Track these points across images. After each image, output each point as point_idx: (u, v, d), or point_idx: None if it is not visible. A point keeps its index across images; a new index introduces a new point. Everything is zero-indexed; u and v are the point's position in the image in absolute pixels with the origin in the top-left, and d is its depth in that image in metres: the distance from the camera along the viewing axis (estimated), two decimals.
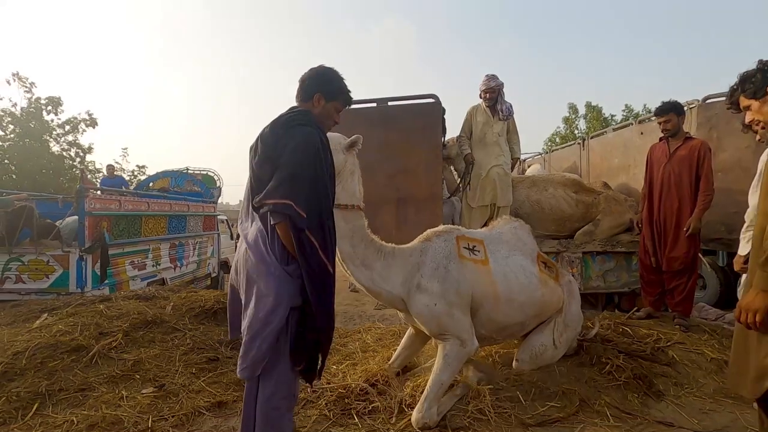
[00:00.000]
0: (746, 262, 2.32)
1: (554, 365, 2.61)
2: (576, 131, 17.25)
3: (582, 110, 17.50)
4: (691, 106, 4.27)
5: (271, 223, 1.61)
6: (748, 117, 1.69)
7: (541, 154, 7.75)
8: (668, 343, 2.92)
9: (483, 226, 3.35)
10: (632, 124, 5.34)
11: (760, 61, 1.66)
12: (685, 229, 3.20)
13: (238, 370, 1.64)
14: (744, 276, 2.48)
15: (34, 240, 5.04)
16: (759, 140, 2.42)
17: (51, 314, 3.21)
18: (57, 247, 5.04)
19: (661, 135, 3.43)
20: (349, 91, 1.84)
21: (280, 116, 1.73)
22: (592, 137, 6.10)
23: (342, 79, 1.81)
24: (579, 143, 6.28)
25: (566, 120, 17.79)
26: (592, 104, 17.60)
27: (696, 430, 2.11)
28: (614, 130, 5.73)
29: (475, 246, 2.36)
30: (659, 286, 3.53)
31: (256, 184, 1.66)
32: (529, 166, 6.97)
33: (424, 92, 4.17)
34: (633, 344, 2.87)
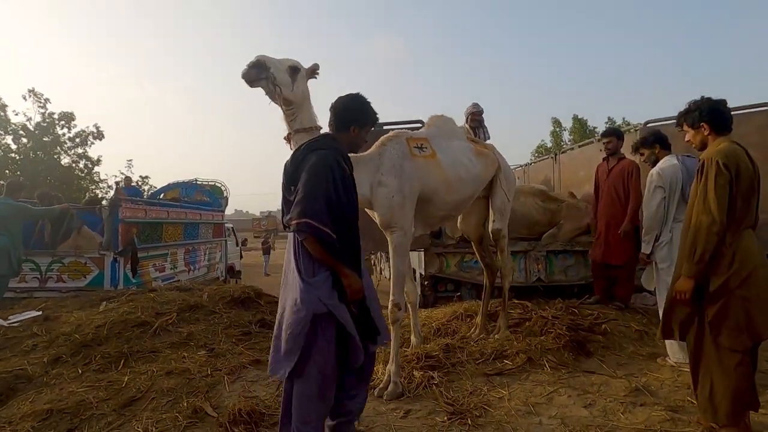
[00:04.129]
0: (648, 257, 3.12)
1: (512, 336, 3.39)
2: (561, 143, 18.23)
3: (568, 123, 18.56)
4: (636, 129, 5.10)
5: (298, 239, 1.81)
6: (686, 138, 2.29)
7: (521, 166, 8.58)
8: (605, 320, 3.70)
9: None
10: (593, 141, 6.17)
11: (701, 98, 2.21)
12: (619, 231, 3.99)
13: (269, 369, 1.84)
14: (647, 267, 3.25)
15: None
16: (643, 161, 3.23)
17: (109, 302, 3.93)
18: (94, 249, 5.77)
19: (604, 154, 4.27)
20: (376, 113, 2.07)
21: (301, 144, 1.93)
22: (562, 152, 6.94)
23: (370, 103, 2.04)
24: (552, 157, 7.12)
25: (552, 133, 18.82)
26: (579, 117, 18.62)
27: (609, 375, 2.87)
28: (579, 146, 6.56)
29: (422, 144, 2.81)
30: (606, 280, 4.31)
31: (285, 207, 1.89)
32: None
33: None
34: (576, 320, 3.63)
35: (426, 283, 5.00)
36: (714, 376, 2.04)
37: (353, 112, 1.98)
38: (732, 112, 2.26)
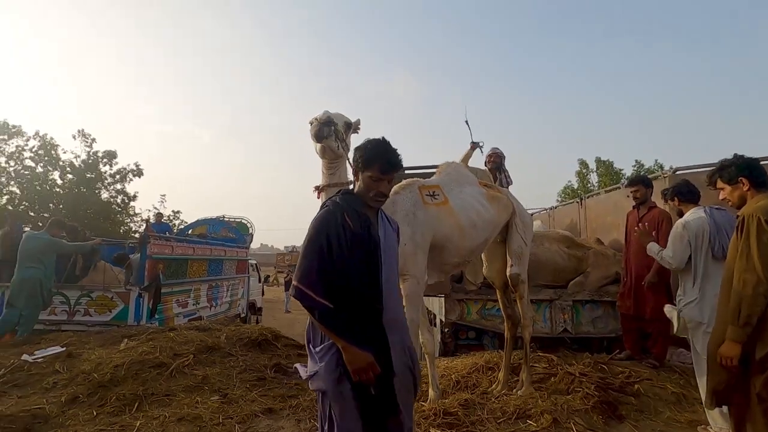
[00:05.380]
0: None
1: (536, 393, 3.20)
2: (588, 185, 17.93)
3: (592, 165, 18.31)
4: (664, 176, 4.97)
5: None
6: (722, 195, 2.20)
7: (546, 210, 8.43)
8: (638, 379, 3.45)
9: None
10: (620, 187, 6.03)
11: (735, 156, 2.16)
12: (643, 283, 3.80)
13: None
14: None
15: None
16: (672, 207, 3.11)
17: (130, 339, 3.99)
18: (121, 282, 5.95)
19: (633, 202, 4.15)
20: (386, 156, 1.70)
21: None
22: (588, 197, 6.80)
23: (379, 145, 1.72)
24: (578, 202, 6.98)
25: (578, 174, 18.58)
26: (602, 159, 18.38)
27: None
28: (606, 191, 6.43)
29: (434, 191, 2.83)
30: (637, 333, 4.07)
31: None
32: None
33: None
34: (607, 378, 3.41)
35: (446, 330, 4.85)
36: None
37: (354, 155, 1.77)
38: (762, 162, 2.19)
